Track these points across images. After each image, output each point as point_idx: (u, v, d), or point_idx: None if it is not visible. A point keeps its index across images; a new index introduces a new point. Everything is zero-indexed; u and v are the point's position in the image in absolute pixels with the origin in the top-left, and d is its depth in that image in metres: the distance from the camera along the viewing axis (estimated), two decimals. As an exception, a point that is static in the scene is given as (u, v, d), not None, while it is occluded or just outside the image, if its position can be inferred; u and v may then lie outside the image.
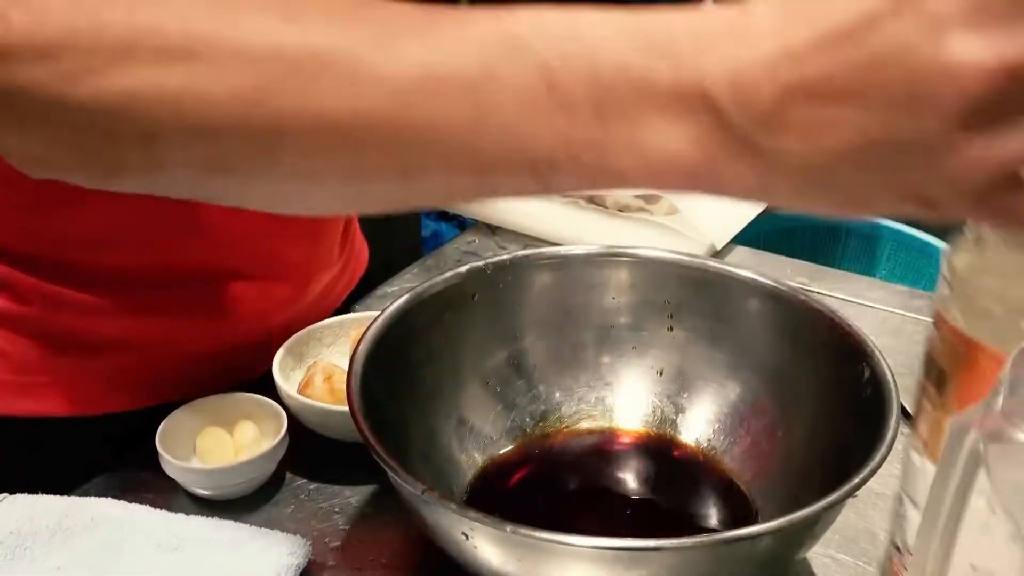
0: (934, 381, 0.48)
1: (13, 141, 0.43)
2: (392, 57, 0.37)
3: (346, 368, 0.59)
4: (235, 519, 0.60)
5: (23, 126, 0.41)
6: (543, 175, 0.37)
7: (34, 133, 0.41)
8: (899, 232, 1.25)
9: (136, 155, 0.41)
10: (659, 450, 0.67)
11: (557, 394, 0.69)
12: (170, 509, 0.60)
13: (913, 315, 0.86)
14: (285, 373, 0.69)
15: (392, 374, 0.61)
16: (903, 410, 0.72)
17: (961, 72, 0.29)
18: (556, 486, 0.65)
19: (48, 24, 0.39)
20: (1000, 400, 0.32)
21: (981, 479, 0.34)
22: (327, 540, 0.61)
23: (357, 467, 0.65)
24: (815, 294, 0.85)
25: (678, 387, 0.68)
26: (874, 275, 1.17)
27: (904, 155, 0.32)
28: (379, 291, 0.88)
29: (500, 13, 0.37)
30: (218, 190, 0.43)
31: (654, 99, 0.34)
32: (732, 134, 0.33)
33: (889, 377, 0.57)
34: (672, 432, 0.67)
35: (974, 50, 0.29)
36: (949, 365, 0.47)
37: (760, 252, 0.97)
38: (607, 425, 0.68)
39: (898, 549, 0.53)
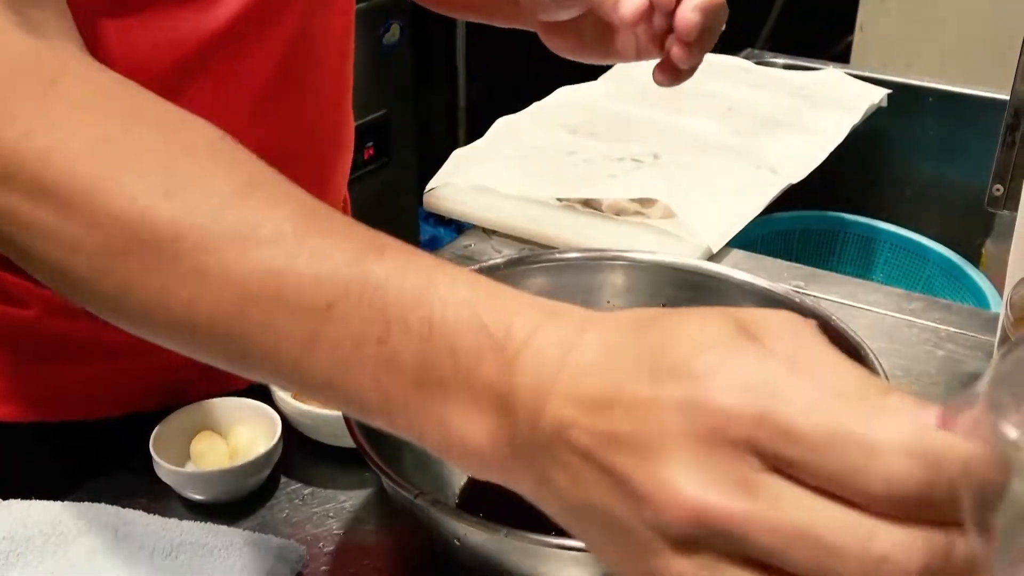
0: None
1: None
2: (248, 260, 0.37)
3: (340, 372, 0.58)
4: (229, 524, 0.60)
5: None
6: (359, 414, 0.38)
7: None
8: (896, 235, 1.25)
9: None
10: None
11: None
12: (164, 514, 0.60)
13: (908, 318, 0.86)
14: (280, 377, 0.69)
15: (386, 378, 0.61)
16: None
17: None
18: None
19: None
20: (986, 394, 0.31)
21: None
22: (321, 544, 0.61)
23: (351, 472, 0.65)
24: (811, 297, 0.85)
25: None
26: (871, 278, 1.16)
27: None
28: (375, 295, 0.88)
29: (376, 238, 0.38)
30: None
31: (470, 387, 0.34)
32: (519, 444, 0.34)
33: (883, 380, 0.56)
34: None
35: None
36: None
37: (756, 255, 0.96)
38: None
39: None
